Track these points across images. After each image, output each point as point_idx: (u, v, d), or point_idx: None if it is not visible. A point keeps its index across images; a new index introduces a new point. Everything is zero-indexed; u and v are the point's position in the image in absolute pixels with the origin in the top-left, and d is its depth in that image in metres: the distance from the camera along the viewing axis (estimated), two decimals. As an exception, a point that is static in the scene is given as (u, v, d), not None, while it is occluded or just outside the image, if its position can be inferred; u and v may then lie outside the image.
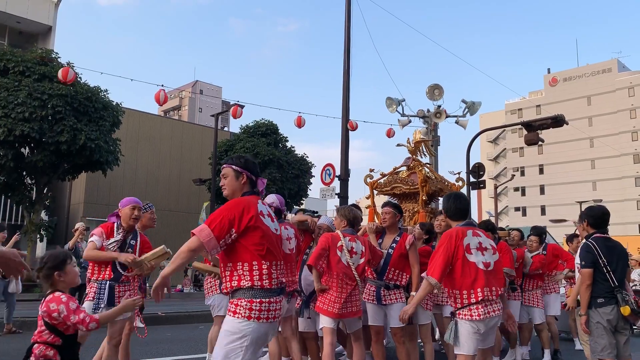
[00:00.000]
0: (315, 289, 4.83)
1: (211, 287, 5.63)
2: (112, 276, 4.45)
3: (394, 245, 5.19)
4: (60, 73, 12.42)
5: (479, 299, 3.75)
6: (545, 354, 6.78)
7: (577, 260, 4.75)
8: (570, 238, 8.09)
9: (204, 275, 5.86)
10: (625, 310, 4.26)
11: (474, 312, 3.75)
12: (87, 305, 4.42)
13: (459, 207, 4.13)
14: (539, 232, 7.16)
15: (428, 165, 7.68)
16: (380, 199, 7.77)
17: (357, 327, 4.91)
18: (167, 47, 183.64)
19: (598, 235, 4.54)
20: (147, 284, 10.67)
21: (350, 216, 4.94)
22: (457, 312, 3.85)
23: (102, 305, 4.34)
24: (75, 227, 9.70)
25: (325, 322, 4.70)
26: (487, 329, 3.83)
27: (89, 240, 4.50)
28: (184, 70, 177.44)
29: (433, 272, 3.84)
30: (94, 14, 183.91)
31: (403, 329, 5.12)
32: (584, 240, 4.60)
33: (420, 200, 7.04)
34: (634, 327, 9.58)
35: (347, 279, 4.70)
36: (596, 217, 4.63)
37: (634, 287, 10.35)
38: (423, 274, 3.97)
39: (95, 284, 4.42)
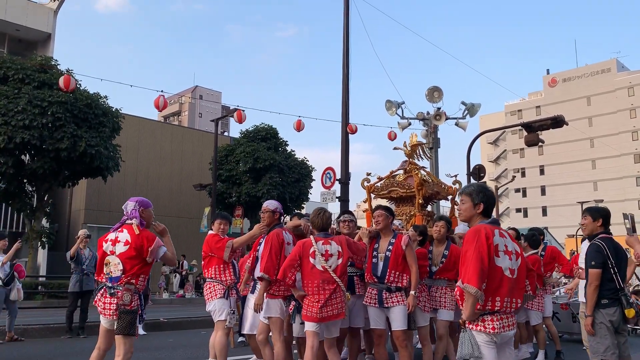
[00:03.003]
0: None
1: (211, 292, 5.64)
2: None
3: (390, 247, 5.20)
4: (61, 82, 12.44)
5: (495, 308, 3.27)
6: (540, 354, 6.81)
7: (582, 260, 4.74)
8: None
9: (205, 280, 5.88)
10: (630, 312, 4.24)
11: (488, 324, 3.27)
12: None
13: (492, 202, 3.57)
14: (527, 237, 7.14)
15: (425, 169, 7.68)
16: (378, 203, 7.79)
17: (334, 333, 4.89)
18: (166, 53, 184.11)
19: (604, 235, 4.49)
20: (150, 291, 10.71)
21: (316, 220, 4.97)
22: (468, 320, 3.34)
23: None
24: (79, 234, 9.72)
25: (307, 326, 4.77)
26: (501, 342, 3.36)
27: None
28: (184, 76, 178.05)
29: (469, 278, 3.24)
30: (92, 21, 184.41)
31: (405, 332, 5.13)
32: (592, 241, 4.49)
33: (417, 203, 7.05)
34: (635, 327, 9.60)
35: (325, 283, 4.73)
36: (609, 217, 4.60)
37: (637, 288, 10.37)
38: (459, 283, 3.41)
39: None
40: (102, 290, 4.30)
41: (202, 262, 5.86)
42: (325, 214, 5.01)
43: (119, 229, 4.40)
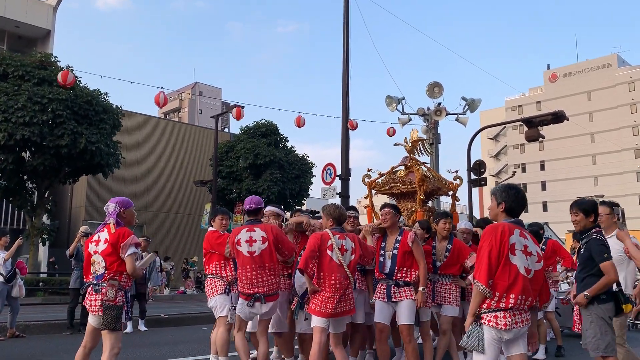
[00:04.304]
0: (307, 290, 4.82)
1: (212, 289, 5.65)
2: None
3: (397, 245, 5.22)
4: (59, 76, 12.41)
5: (510, 305, 3.38)
6: (540, 349, 6.81)
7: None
8: None
9: (206, 277, 5.89)
10: (628, 307, 4.24)
11: (500, 321, 3.39)
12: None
13: (521, 204, 3.67)
14: (532, 233, 7.09)
15: (426, 164, 7.66)
16: (379, 199, 7.76)
17: (342, 328, 4.85)
18: (166, 49, 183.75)
19: (598, 229, 4.42)
20: (149, 286, 10.72)
21: (336, 214, 4.90)
22: (482, 314, 3.47)
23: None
24: (80, 231, 9.73)
25: (317, 322, 4.69)
26: (515, 337, 3.47)
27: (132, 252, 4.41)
28: (184, 72, 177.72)
29: (479, 275, 3.44)
30: (92, 18, 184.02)
31: (410, 328, 5.13)
32: (593, 236, 4.35)
33: (418, 199, 7.03)
34: (636, 322, 9.60)
35: (341, 277, 4.68)
36: (597, 211, 4.49)
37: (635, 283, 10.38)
38: (470, 277, 3.59)
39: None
40: (90, 288, 4.44)
41: (204, 259, 5.87)
42: (340, 208, 4.99)
43: (101, 230, 4.55)
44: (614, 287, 4.30)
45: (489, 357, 3.43)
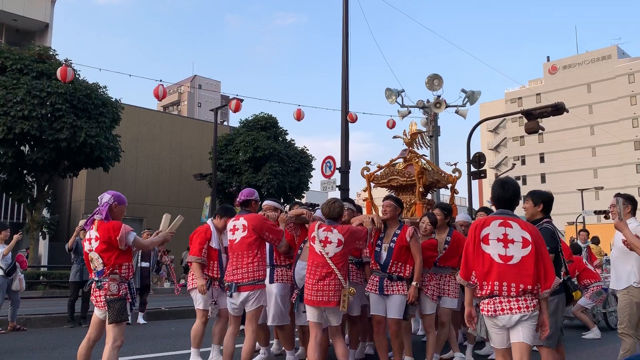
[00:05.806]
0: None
1: (194, 282, 5.67)
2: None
3: (394, 238, 5.21)
4: (58, 73, 12.34)
5: (489, 292, 3.53)
6: None
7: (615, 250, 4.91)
8: (596, 240, 7.97)
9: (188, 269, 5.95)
10: (577, 294, 4.40)
11: (485, 307, 3.58)
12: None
13: (499, 195, 3.78)
14: None
15: (425, 157, 7.67)
16: (378, 192, 7.77)
17: (333, 322, 4.83)
18: (165, 42, 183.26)
19: (548, 220, 4.46)
20: (150, 281, 10.75)
21: (325, 209, 4.97)
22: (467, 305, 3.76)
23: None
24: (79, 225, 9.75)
25: (309, 316, 4.80)
26: (510, 324, 3.49)
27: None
28: (183, 66, 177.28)
29: (460, 269, 3.76)
30: (90, 11, 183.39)
31: (399, 322, 5.15)
32: (544, 226, 4.36)
33: (417, 192, 7.03)
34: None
35: (319, 267, 4.72)
36: (550, 203, 4.55)
37: None
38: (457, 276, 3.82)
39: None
40: (93, 284, 4.51)
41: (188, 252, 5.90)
42: (334, 204, 4.97)
43: (90, 227, 4.57)
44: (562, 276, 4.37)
45: (495, 343, 3.64)
